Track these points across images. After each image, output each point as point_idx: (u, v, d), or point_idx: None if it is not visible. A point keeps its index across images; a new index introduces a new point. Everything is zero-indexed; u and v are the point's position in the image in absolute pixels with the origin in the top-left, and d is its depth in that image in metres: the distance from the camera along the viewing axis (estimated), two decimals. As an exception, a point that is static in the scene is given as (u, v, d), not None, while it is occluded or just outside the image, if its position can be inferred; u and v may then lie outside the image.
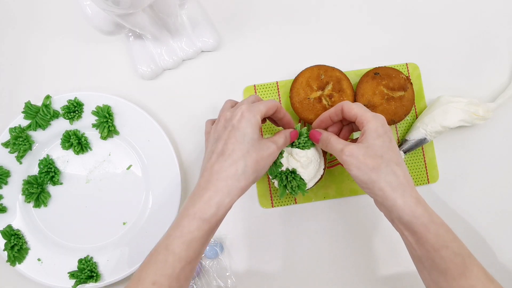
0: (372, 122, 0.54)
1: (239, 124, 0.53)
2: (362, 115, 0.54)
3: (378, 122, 0.54)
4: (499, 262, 0.72)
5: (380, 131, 0.53)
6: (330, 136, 0.57)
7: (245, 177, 0.52)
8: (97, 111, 0.68)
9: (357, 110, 0.55)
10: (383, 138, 0.53)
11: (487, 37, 0.74)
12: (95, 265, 0.68)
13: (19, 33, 0.72)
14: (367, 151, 0.52)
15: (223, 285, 0.69)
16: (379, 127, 0.53)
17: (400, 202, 0.51)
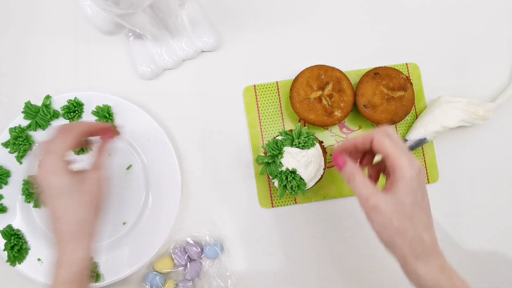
0: (407, 170, 0.46)
1: (45, 183, 0.50)
2: (395, 158, 0.47)
3: (413, 171, 0.46)
4: (498, 262, 0.72)
5: (414, 184, 0.46)
6: (356, 173, 0.49)
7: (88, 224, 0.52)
8: (97, 111, 0.68)
9: (391, 149, 0.47)
10: (416, 195, 0.46)
11: (487, 37, 0.74)
12: (95, 265, 0.67)
13: (19, 33, 0.72)
14: (396, 207, 0.46)
15: (223, 285, 0.69)
16: (413, 179, 0.46)
17: (423, 271, 0.47)
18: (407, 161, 0.46)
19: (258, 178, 0.71)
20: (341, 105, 0.67)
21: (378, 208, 0.46)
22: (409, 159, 0.47)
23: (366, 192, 0.47)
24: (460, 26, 0.74)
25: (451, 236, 0.72)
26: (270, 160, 0.62)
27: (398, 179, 0.46)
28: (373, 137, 0.49)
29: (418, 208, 0.46)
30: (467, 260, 0.72)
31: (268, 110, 0.72)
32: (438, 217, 0.72)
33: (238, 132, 0.72)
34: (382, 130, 0.50)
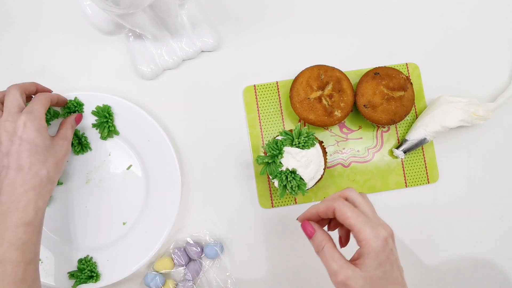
0: (372, 243, 0.45)
1: (26, 136, 0.54)
2: (359, 231, 0.46)
3: (379, 244, 0.45)
4: (497, 262, 0.72)
5: (381, 257, 0.45)
6: (325, 243, 0.48)
7: (50, 180, 0.56)
8: (97, 111, 0.68)
9: (353, 221, 0.46)
10: (385, 267, 0.45)
11: (487, 37, 0.74)
12: (95, 265, 0.67)
13: (19, 33, 0.73)
14: (365, 283, 0.45)
15: (223, 285, 0.69)
16: (380, 252, 0.45)
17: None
18: (372, 233, 0.45)
19: (258, 178, 0.71)
20: (341, 105, 0.67)
21: (347, 284, 0.45)
22: (373, 230, 0.45)
23: (335, 266, 0.46)
24: (460, 26, 0.74)
25: (451, 236, 0.72)
26: (270, 160, 0.62)
27: (365, 253, 0.46)
28: (334, 208, 0.48)
29: (386, 281, 0.46)
30: (467, 260, 0.72)
31: (268, 110, 0.72)
32: (438, 217, 0.72)
33: (238, 132, 0.72)
34: (345, 197, 0.49)
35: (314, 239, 0.50)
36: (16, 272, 0.51)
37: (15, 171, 0.54)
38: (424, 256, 0.71)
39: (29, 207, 0.53)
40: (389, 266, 0.46)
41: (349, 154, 0.72)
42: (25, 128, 0.54)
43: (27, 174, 0.54)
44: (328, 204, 0.48)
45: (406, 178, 0.71)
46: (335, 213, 0.48)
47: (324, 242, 0.48)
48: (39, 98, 0.59)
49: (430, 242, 0.71)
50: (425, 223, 0.71)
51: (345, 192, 0.50)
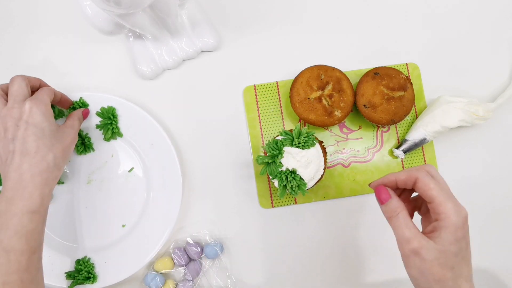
0: (454, 219, 0.44)
1: (33, 120, 0.54)
2: (441, 204, 0.45)
3: (460, 220, 0.44)
4: (498, 262, 0.72)
5: (459, 234, 0.44)
6: (400, 210, 0.47)
7: (57, 167, 0.55)
8: (102, 112, 0.68)
9: (436, 194, 0.45)
10: (461, 244, 0.45)
11: (487, 37, 0.74)
12: (93, 266, 0.67)
13: (19, 33, 0.73)
14: (438, 255, 0.44)
15: (223, 285, 0.69)
16: (459, 228, 0.44)
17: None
18: (453, 209, 0.44)
19: (258, 178, 0.71)
20: (341, 105, 0.67)
21: (419, 253, 0.44)
22: (456, 206, 0.45)
23: (409, 233, 0.45)
24: (460, 26, 0.74)
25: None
26: (270, 160, 0.62)
27: (443, 227, 0.44)
28: (417, 178, 0.47)
29: (461, 258, 0.45)
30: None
31: (268, 110, 0.72)
32: (438, 217, 0.72)
33: (238, 132, 0.72)
34: (426, 170, 0.48)
35: (389, 204, 0.48)
36: (20, 261, 0.51)
37: (21, 156, 0.53)
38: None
39: (35, 194, 0.52)
40: (464, 244, 0.45)
41: (349, 154, 0.72)
42: (31, 113, 0.54)
43: (33, 158, 0.53)
44: (411, 173, 0.47)
45: (406, 178, 0.71)
46: (416, 183, 0.47)
47: (399, 209, 0.47)
48: (43, 89, 0.59)
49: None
50: (425, 223, 0.71)
51: (426, 167, 0.49)
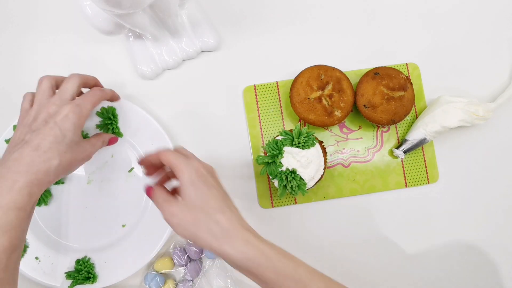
0: (185, 171, 0.50)
1: (62, 124, 0.53)
2: (175, 165, 0.51)
3: (192, 169, 0.50)
4: (498, 262, 0.72)
5: (193, 178, 0.50)
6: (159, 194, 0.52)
7: (56, 173, 0.54)
8: (102, 112, 0.68)
9: (171, 159, 0.51)
10: (197, 186, 0.50)
11: (487, 37, 0.74)
12: (92, 266, 0.67)
13: (19, 33, 0.73)
14: (185, 205, 0.49)
15: (223, 285, 0.69)
16: (192, 175, 0.50)
17: (229, 250, 0.48)
18: (184, 163, 0.51)
19: (258, 178, 0.71)
20: (341, 105, 0.67)
21: (172, 212, 0.50)
22: (186, 161, 0.51)
23: (162, 201, 0.51)
24: (460, 26, 0.74)
25: (451, 235, 0.72)
26: (270, 160, 0.62)
27: (181, 182, 0.50)
28: (159, 154, 0.53)
29: (206, 197, 0.50)
30: (466, 259, 0.71)
31: (268, 110, 0.72)
32: (438, 216, 0.72)
33: (238, 132, 0.72)
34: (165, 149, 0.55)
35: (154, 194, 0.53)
36: (1, 259, 0.49)
37: (30, 149, 0.52)
38: (424, 255, 0.71)
39: (24, 191, 0.51)
40: (205, 188, 0.50)
41: (349, 154, 0.72)
42: (65, 118, 0.54)
43: (39, 156, 0.52)
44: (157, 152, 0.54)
45: (406, 178, 0.71)
46: (160, 158, 0.53)
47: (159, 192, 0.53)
48: (92, 95, 0.58)
49: (429, 242, 0.71)
50: (425, 223, 0.71)
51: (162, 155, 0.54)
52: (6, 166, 0.52)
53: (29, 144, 0.53)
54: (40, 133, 0.53)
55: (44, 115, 0.55)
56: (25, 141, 0.53)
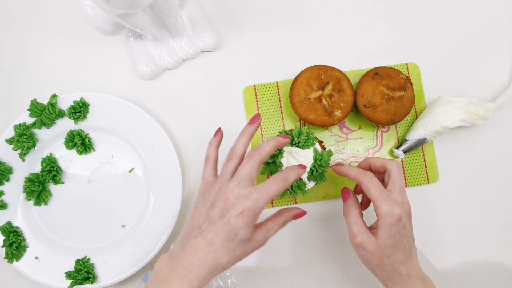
0: (387, 219, 0.53)
1: (235, 223, 0.51)
2: (378, 206, 0.54)
3: (393, 220, 0.53)
4: (497, 261, 0.71)
5: (393, 230, 0.53)
6: (353, 209, 0.57)
7: (223, 268, 0.53)
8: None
9: (374, 197, 0.54)
10: (395, 238, 0.53)
11: (487, 37, 0.74)
12: (92, 266, 0.68)
13: (19, 34, 0.73)
14: (377, 247, 0.54)
15: (223, 285, 0.69)
16: (392, 226, 0.53)
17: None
18: (388, 210, 0.53)
19: (258, 178, 0.71)
20: (341, 105, 0.67)
21: (362, 246, 0.54)
22: (390, 207, 0.53)
23: (356, 229, 0.55)
24: (460, 26, 0.74)
25: (451, 235, 0.71)
26: (270, 160, 0.62)
27: (380, 225, 0.54)
28: (361, 182, 0.56)
29: (396, 248, 0.54)
30: (467, 259, 0.71)
31: (268, 110, 0.72)
32: (438, 217, 0.72)
33: (238, 132, 0.71)
34: (371, 174, 0.56)
35: (347, 202, 0.59)
36: None
37: (205, 242, 0.52)
38: (424, 255, 0.71)
39: (194, 283, 0.51)
40: (398, 237, 0.54)
41: (349, 154, 0.72)
42: (240, 216, 0.51)
43: (210, 252, 0.52)
44: (359, 177, 0.57)
45: (406, 178, 0.71)
46: (362, 185, 0.56)
47: (352, 208, 0.57)
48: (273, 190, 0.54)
49: (429, 242, 0.71)
50: (425, 223, 0.71)
51: (388, 164, 0.58)
52: (184, 251, 0.53)
53: (204, 236, 0.52)
54: (215, 227, 0.52)
55: (221, 205, 0.53)
56: (201, 231, 0.53)
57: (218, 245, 0.52)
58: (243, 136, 0.58)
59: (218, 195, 0.54)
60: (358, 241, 0.54)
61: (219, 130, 0.61)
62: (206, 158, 0.59)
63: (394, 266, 0.54)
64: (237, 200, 0.52)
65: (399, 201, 0.55)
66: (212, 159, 0.59)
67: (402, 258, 0.54)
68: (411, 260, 0.55)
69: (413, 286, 0.55)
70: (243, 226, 0.51)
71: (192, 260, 0.52)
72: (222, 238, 0.52)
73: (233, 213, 0.51)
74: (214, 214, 0.53)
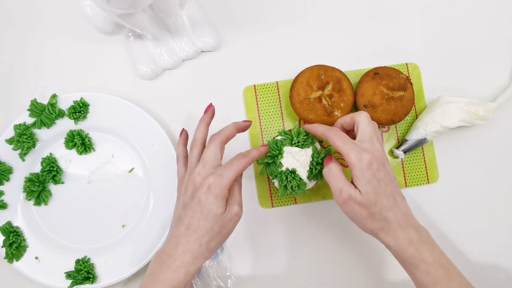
0: (357, 164, 0.53)
1: (205, 199, 0.54)
2: (346, 156, 0.54)
3: (362, 165, 0.53)
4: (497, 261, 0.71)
5: (368, 176, 0.53)
6: (333, 166, 0.56)
7: (208, 250, 0.56)
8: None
9: (341, 148, 0.55)
10: (373, 183, 0.53)
11: (487, 37, 0.74)
12: (92, 266, 0.68)
13: (19, 34, 0.73)
14: (362, 199, 0.53)
15: (223, 285, 0.69)
16: (365, 171, 0.53)
17: (392, 243, 0.54)
18: (356, 157, 0.53)
19: (258, 178, 0.71)
20: (341, 105, 0.67)
21: (351, 198, 0.54)
22: (357, 154, 0.53)
23: (340, 184, 0.55)
24: (460, 26, 0.74)
25: (451, 235, 0.71)
26: (270, 160, 0.62)
27: (354, 175, 0.54)
28: (327, 137, 0.57)
29: (378, 194, 0.53)
30: (467, 259, 0.71)
31: (268, 110, 0.72)
32: (438, 217, 0.72)
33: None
34: (336, 128, 0.57)
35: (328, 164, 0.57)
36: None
37: (184, 227, 0.55)
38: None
39: (181, 269, 0.54)
40: (376, 182, 0.53)
41: (349, 154, 0.72)
42: (207, 192, 0.54)
43: (190, 235, 0.54)
44: (325, 132, 0.57)
45: (406, 178, 0.71)
46: (329, 142, 0.57)
47: (333, 165, 0.56)
48: (236, 163, 0.57)
49: (430, 242, 0.71)
50: (425, 223, 0.71)
51: (355, 116, 0.58)
52: (170, 242, 0.56)
53: (183, 221, 0.55)
54: (189, 209, 0.55)
55: (190, 188, 0.57)
56: (179, 218, 0.56)
57: (195, 226, 0.54)
58: (201, 124, 0.61)
59: (188, 182, 0.57)
60: (345, 195, 0.54)
61: (183, 130, 0.65)
62: (177, 157, 0.63)
63: (382, 214, 0.54)
64: (203, 179, 0.56)
65: (369, 148, 0.55)
66: (182, 156, 0.63)
67: (387, 203, 0.54)
68: (397, 207, 0.55)
69: (406, 235, 0.54)
70: (212, 200, 0.54)
71: (176, 248, 0.54)
72: (197, 218, 0.54)
73: (201, 190, 0.54)
74: (187, 199, 0.56)
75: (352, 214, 0.55)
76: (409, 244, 0.54)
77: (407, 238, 0.54)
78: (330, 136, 0.56)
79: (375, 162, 0.54)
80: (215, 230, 0.55)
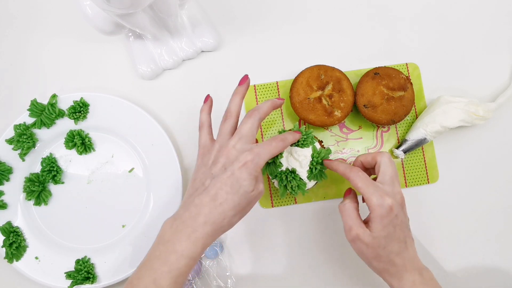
0: (378, 211, 0.53)
1: (239, 174, 0.53)
2: (367, 199, 0.54)
3: (384, 211, 0.53)
4: (497, 262, 0.71)
5: (385, 221, 0.53)
6: (348, 203, 0.57)
7: (230, 223, 0.54)
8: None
9: (363, 190, 0.54)
10: (388, 229, 0.54)
11: (487, 37, 0.74)
12: (92, 266, 0.68)
13: (19, 34, 0.73)
14: (372, 240, 0.54)
15: (223, 285, 0.69)
16: (384, 217, 0.53)
17: (396, 286, 0.56)
18: (378, 201, 0.53)
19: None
20: (341, 105, 0.67)
21: (358, 238, 0.54)
22: (379, 199, 0.53)
23: (351, 222, 0.55)
24: (460, 26, 0.74)
25: (451, 235, 0.71)
26: (270, 160, 0.62)
27: (372, 217, 0.54)
28: (348, 177, 0.56)
29: (390, 239, 0.54)
30: (467, 259, 0.71)
31: (268, 110, 0.72)
32: (438, 217, 0.72)
33: (239, 132, 0.72)
34: (358, 169, 0.57)
35: (345, 198, 0.59)
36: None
37: (209, 199, 0.53)
38: (424, 255, 0.71)
39: (199, 242, 0.52)
40: (391, 228, 0.54)
41: (349, 154, 0.72)
42: (243, 168, 0.53)
43: (216, 208, 0.52)
44: (346, 172, 0.57)
45: (406, 178, 0.71)
46: (350, 182, 0.56)
47: (348, 201, 0.57)
48: (274, 146, 0.56)
49: (429, 242, 0.71)
50: (425, 223, 0.71)
51: (377, 156, 0.58)
52: (188, 210, 0.53)
53: (208, 192, 0.53)
54: (218, 181, 0.53)
55: (223, 160, 0.54)
56: (205, 187, 0.54)
57: (222, 199, 0.52)
58: (236, 96, 0.60)
59: (219, 153, 0.56)
60: (354, 234, 0.54)
61: (208, 96, 0.62)
62: (200, 124, 0.60)
63: (390, 258, 0.54)
64: (239, 154, 0.54)
65: (390, 191, 0.55)
66: (207, 124, 0.60)
67: (397, 249, 0.54)
68: (406, 251, 0.55)
69: (410, 278, 0.55)
70: (246, 177, 0.53)
71: (197, 218, 0.52)
72: (226, 191, 0.52)
73: (237, 165, 0.53)
74: (217, 170, 0.54)
75: (359, 252, 0.56)
76: (412, 286, 0.55)
77: (411, 281, 0.55)
78: (352, 176, 0.56)
79: (396, 208, 0.54)
80: (242, 205, 0.54)
